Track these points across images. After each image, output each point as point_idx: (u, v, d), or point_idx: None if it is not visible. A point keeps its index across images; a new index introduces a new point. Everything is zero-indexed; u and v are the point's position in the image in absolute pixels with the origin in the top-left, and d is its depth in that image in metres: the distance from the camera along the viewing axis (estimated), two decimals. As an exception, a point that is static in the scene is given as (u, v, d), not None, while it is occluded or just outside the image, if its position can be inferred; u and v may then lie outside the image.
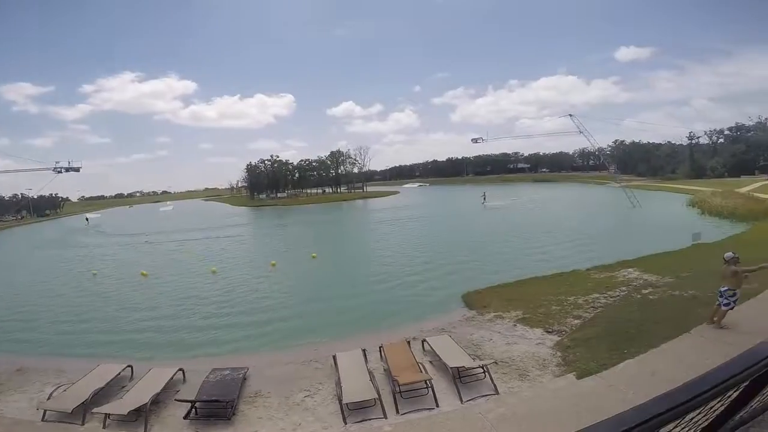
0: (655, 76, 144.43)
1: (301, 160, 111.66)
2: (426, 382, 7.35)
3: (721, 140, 75.04)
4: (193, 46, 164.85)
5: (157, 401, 7.47)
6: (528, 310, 10.99)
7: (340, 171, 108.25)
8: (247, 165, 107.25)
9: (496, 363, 8.09)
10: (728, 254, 7.76)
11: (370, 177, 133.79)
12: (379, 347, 8.98)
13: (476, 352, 8.78)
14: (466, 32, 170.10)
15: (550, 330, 9.59)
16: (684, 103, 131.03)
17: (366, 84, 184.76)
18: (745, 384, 1.37)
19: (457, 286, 14.67)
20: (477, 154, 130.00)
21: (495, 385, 7.28)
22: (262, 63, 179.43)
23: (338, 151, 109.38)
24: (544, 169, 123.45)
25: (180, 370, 8.66)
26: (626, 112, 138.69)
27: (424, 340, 9.38)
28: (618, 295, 11.44)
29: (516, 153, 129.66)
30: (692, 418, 1.23)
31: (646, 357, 7.02)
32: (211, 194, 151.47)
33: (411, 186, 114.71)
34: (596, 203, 44.24)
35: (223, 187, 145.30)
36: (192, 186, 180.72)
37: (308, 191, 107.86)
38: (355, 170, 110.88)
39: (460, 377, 7.60)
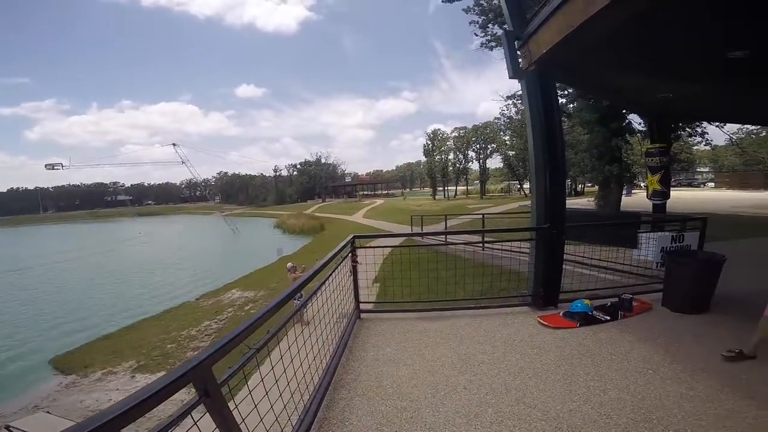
0: (261, 115, 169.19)
1: None
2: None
3: (295, 173, 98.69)
4: None
5: None
6: (142, 357, 10.04)
7: None
8: None
9: None
10: (289, 265, 9.99)
11: None
12: None
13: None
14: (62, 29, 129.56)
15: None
16: (276, 140, 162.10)
17: None
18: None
19: (36, 353, 11.30)
20: (60, 184, 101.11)
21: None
22: None
23: None
24: (149, 202, 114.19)
25: None
26: (234, 145, 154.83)
27: (7, 427, 6.31)
28: (226, 317, 12.41)
29: (116, 183, 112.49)
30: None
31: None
32: None
33: None
34: (201, 234, 46.00)
35: None
36: None
37: None
38: None
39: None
